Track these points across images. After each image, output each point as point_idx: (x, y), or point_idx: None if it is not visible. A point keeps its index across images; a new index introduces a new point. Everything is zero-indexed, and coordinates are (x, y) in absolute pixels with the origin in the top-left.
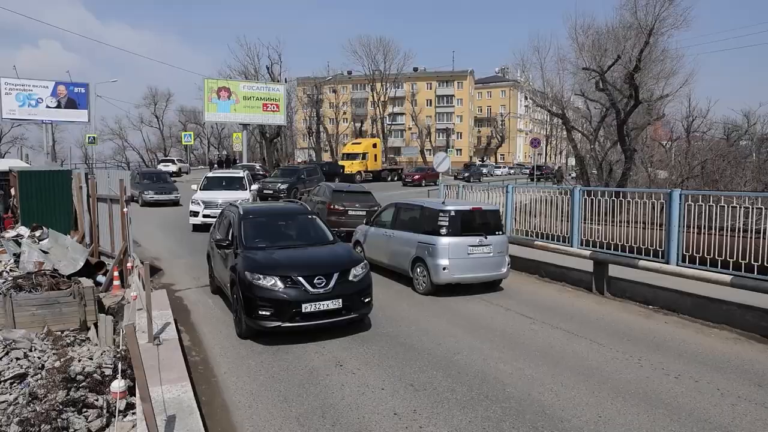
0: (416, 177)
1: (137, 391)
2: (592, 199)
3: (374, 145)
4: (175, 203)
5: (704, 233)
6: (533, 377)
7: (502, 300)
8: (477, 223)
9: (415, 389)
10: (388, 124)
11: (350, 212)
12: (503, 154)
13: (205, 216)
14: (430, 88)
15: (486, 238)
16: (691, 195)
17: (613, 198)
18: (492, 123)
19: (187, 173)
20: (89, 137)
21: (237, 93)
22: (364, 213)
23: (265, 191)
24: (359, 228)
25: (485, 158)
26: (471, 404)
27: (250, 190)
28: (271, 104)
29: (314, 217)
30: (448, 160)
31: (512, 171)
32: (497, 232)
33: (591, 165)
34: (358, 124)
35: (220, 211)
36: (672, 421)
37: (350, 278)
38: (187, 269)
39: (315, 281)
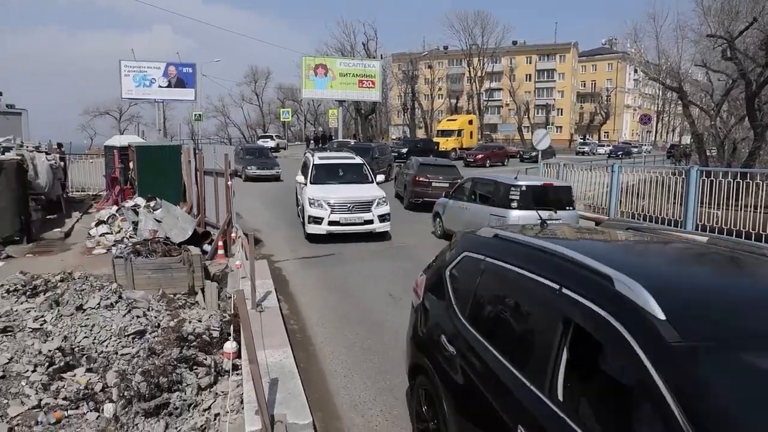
0: (479, 157)
1: (243, 353)
2: (711, 181)
3: (470, 122)
4: (276, 178)
5: None
6: None
7: None
8: (548, 198)
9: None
10: (485, 100)
11: (434, 184)
12: (607, 132)
13: (333, 224)
14: (530, 63)
15: (556, 212)
16: None
17: (738, 180)
18: (596, 98)
19: (284, 149)
20: (195, 114)
21: (333, 70)
22: (448, 185)
23: None
24: (439, 200)
25: (587, 136)
26: None
27: (377, 182)
28: (367, 81)
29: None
30: (548, 137)
31: (636, 149)
32: (568, 208)
33: (710, 143)
34: (453, 101)
35: (354, 218)
36: None
37: None
38: (285, 241)
39: None
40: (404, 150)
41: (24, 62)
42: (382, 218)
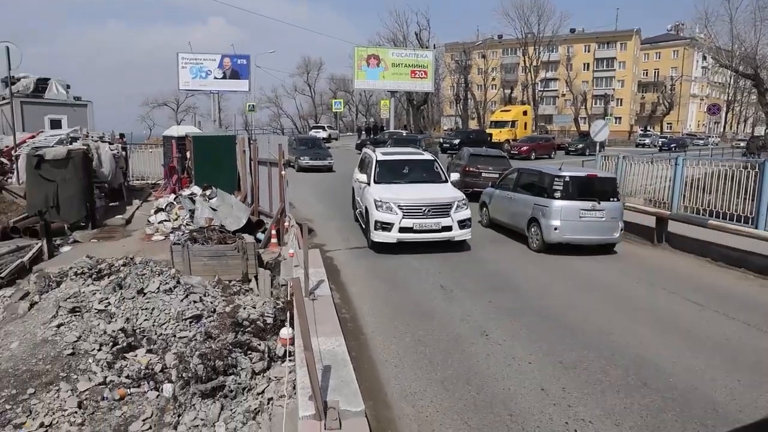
0: (523, 149)
1: (296, 339)
2: None
3: (524, 113)
4: (329, 169)
5: None
6: (702, 370)
7: (661, 279)
8: (592, 189)
9: (564, 367)
10: (540, 91)
11: (484, 174)
12: (670, 123)
13: (404, 230)
14: (588, 51)
15: (599, 203)
16: None
17: None
18: (659, 87)
19: (336, 139)
20: (249, 105)
21: (386, 60)
22: (497, 176)
23: None
24: (486, 190)
25: (648, 127)
26: (626, 389)
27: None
28: (419, 71)
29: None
30: (606, 128)
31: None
32: (612, 199)
33: None
34: (507, 91)
35: (431, 224)
36: None
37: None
38: (337, 231)
39: None
40: (456, 141)
41: (89, 56)
42: (463, 224)
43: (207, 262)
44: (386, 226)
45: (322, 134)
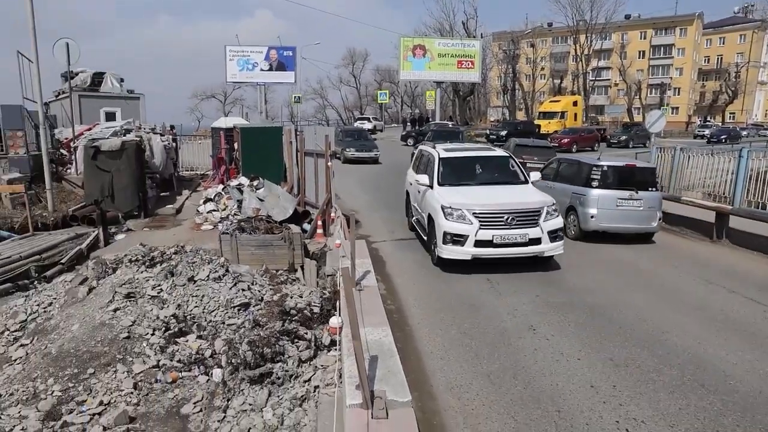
0: (564, 141)
1: (342, 329)
2: None
3: (574, 103)
4: (375, 161)
5: None
6: (767, 374)
7: (720, 277)
8: (631, 178)
9: (615, 364)
10: (591, 80)
11: (529, 165)
12: (733, 113)
13: (482, 244)
14: (644, 38)
15: (637, 192)
16: None
17: None
18: (722, 75)
19: (381, 131)
20: (295, 97)
21: (432, 50)
22: (542, 166)
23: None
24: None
25: (708, 117)
26: (682, 390)
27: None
28: (466, 61)
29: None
30: (663, 119)
31: None
32: (651, 189)
33: None
34: (556, 81)
35: (515, 236)
36: None
37: None
38: (383, 223)
39: None
40: (503, 133)
41: (140, 50)
42: (554, 235)
43: (254, 252)
44: (458, 239)
45: (367, 126)
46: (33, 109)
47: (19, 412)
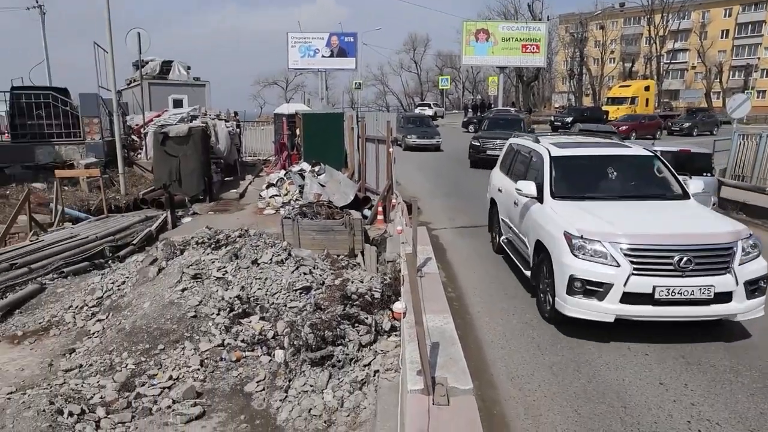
0: (622, 128)
1: (406, 314)
2: None
3: (646, 88)
4: (437, 148)
5: None
6: None
7: None
8: (684, 163)
9: (686, 362)
10: (665, 63)
11: None
12: None
13: (633, 300)
14: (729, 16)
15: (690, 178)
16: None
17: None
18: None
19: (442, 117)
20: (356, 83)
21: (495, 34)
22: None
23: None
24: None
25: None
26: (764, 394)
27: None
28: (531, 45)
29: None
30: (747, 103)
31: None
32: (705, 174)
33: None
34: (627, 64)
35: (691, 288)
36: None
37: None
38: (443, 210)
39: None
40: (568, 119)
41: (205, 38)
42: (755, 288)
43: (315, 236)
44: (595, 290)
45: (428, 112)
46: (107, 97)
47: (98, 382)
